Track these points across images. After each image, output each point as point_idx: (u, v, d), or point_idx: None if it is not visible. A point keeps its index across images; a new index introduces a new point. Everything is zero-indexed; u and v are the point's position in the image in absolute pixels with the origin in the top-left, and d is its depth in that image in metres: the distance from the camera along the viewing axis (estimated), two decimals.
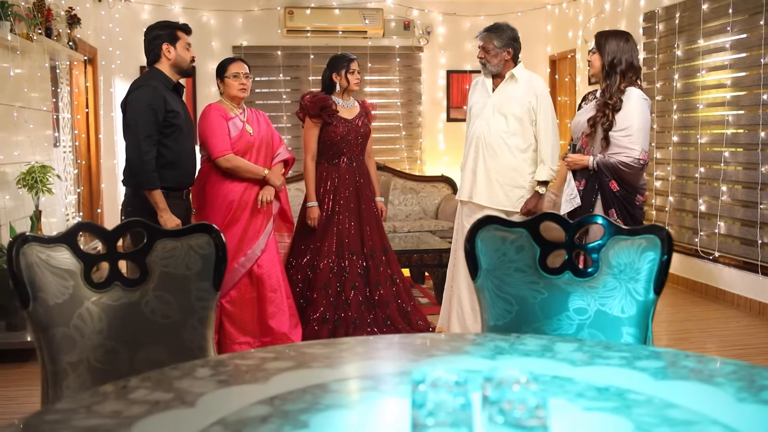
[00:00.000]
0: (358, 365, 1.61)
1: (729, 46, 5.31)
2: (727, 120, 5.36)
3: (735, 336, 4.64)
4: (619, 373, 1.53)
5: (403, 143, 8.32)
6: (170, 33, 3.67)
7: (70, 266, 1.86)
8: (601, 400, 1.35)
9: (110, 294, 1.91)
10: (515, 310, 2.07)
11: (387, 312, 4.45)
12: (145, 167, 3.47)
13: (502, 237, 2.10)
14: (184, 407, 1.37)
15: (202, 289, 1.97)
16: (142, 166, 3.47)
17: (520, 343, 1.75)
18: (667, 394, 1.38)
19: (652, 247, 1.96)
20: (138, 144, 3.47)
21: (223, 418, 1.27)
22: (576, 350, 1.69)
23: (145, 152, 3.46)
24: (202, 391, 1.45)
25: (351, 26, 7.88)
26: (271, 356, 1.68)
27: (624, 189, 3.50)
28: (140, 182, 3.51)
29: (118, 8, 7.40)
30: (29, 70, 5.07)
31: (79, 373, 1.81)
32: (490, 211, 3.95)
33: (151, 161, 3.48)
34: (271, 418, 1.27)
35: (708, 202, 5.59)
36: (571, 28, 7.81)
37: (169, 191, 3.63)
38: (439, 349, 1.74)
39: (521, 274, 2.08)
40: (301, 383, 1.47)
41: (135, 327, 1.91)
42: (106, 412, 1.36)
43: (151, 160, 3.48)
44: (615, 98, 3.48)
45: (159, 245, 1.97)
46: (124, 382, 1.51)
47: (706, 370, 1.60)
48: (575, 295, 2.05)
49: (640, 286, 1.96)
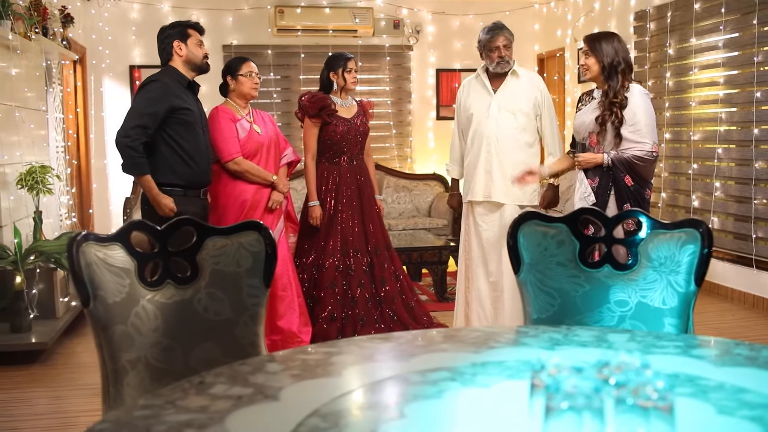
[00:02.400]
0: (425, 358, 1.64)
1: (722, 45, 5.43)
2: (720, 117, 5.48)
3: (733, 329, 4.75)
4: (680, 361, 1.58)
5: (393, 141, 8.36)
6: (181, 31, 3.68)
7: (125, 264, 1.87)
8: (676, 386, 1.40)
9: (163, 292, 1.92)
10: (558, 303, 2.11)
11: (393, 308, 4.49)
12: (129, 152, 3.49)
13: (543, 232, 2.14)
14: (269, 401, 1.39)
15: (253, 285, 1.99)
16: (125, 150, 3.49)
17: (573, 335, 1.80)
18: (734, 380, 1.43)
19: (692, 240, 2.02)
20: (126, 130, 3.51)
21: (317, 410, 1.30)
22: (629, 340, 1.74)
23: (131, 138, 3.48)
24: (280, 385, 1.47)
25: (341, 25, 7.90)
26: (334, 350, 1.71)
27: (637, 183, 3.57)
28: (125, 167, 3.55)
29: (108, 7, 7.34)
30: (27, 69, 5.02)
31: (137, 371, 1.82)
32: (508, 207, 4.01)
33: (137, 147, 3.49)
34: (365, 409, 1.30)
35: (701, 198, 5.71)
36: (559, 26, 7.90)
37: (186, 189, 3.64)
38: (497, 342, 1.78)
39: (562, 268, 2.13)
40: (375, 376, 1.50)
41: (188, 324, 1.93)
42: (193, 407, 1.37)
43: (137, 146, 3.50)
44: (620, 96, 3.55)
45: (209, 243, 1.99)
46: (199, 377, 1.53)
47: (760, 357, 1.65)
48: (616, 288, 2.10)
49: (681, 278, 2.02)
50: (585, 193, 3.64)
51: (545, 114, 4.10)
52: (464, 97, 4.20)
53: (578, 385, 0.92)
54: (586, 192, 3.63)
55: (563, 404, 0.91)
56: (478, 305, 4.08)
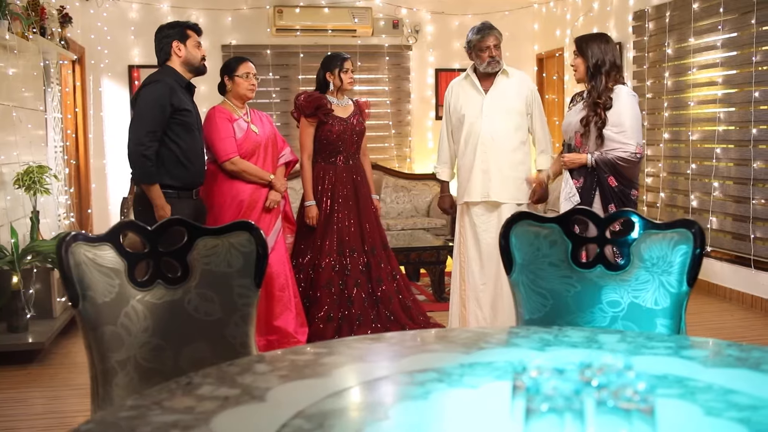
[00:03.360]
0: (414, 358, 1.63)
1: (720, 45, 5.42)
2: (718, 117, 5.46)
3: (732, 329, 4.74)
4: (670, 361, 1.57)
5: (392, 141, 8.35)
6: (180, 31, 3.67)
7: (115, 265, 1.87)
8: (664, 387, 1.39)
9: (153, 292, 1.92)
10: (550, 304, 2.11)
11: (390, 308, 4.48)
12: (144, 162, 3.47)
13: (536, 232, 2.14)
14: (255, 402, 1.39)
15: (244, 286, 1.98)
16: (140, 160, 3.47)
17: (564, 335, 1.79)
18: (723, 381, 1.43)
19: (685, 241, 2.01)
20: (139, 138, 3.48)
21: (301, 411, 1.29)
22: (620, 341, 1.74)
23: (146, 147, 3.46)
24: (267, 386, 1.47)
25: (340, 25, 7.90)
26: (324, 351, 1.71)
27: (621, 184, 3.59)
28: (138, 176, 3.53)
29: (106, 7, 7.34)
30: (24, 69, 5.03)
31: (127, 371, 1.82)
32: (506, 206, 4.01)
33: (151, 156, 3.48)
34: (351, 410, 1.30)
35: (700, 198, 5.69)
36: (558, 26, 7.90)
37: (179, 191, 3.63)
38: (487, 342, 1.78)
39: (554, 269, 2.12)
40: (365, 377, 1.50)
41: (179, 325, 1.92)
42: (180, 408, 1.37)
43: (151, 155, 3.49)
44: (604, 97, 3.57)
45: (200, 243, 1.98)
46: (187, 378, 1.53)
47: (750, 358, 1.65)
48: (608, 288, 2.10)
49: (673, 278, 2.01)
50: (570, 193, 3.66)
51: (536, 112, 4.15)
52: (453, 99, 4.19)
53: (558, 387, 0.92)
54: (571, 192, 3.65)
55: (543, 406, 0.91)
56: (476, 306, 4.07)
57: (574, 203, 3.67)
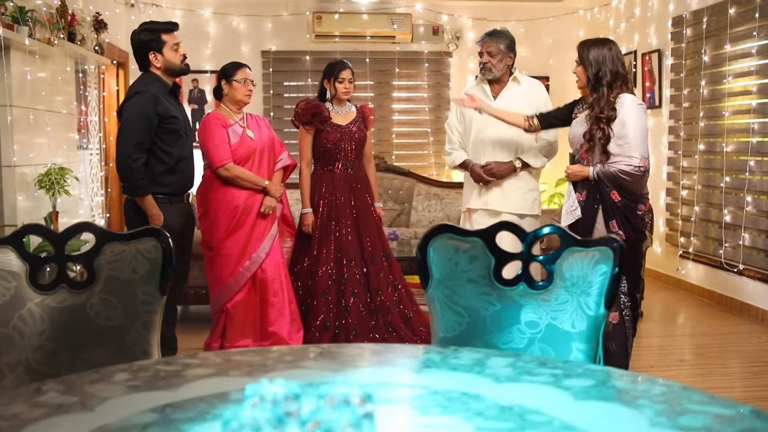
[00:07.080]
0: (281, 374, 1.58)
1: (755, 52, 5.13)
2: (752, 128, 5.17)
3: (754, 353, 4.46)
4: (539, 391, 1.46)
5: (431, 149, 8.27)
6: (153, 39, 3.65)
7: (15, 268, 1.88)
8: (500, 420, 1.30)
9: (55, 296, 1.92)
10: (466, 322, 2.01)
11: (389, 318, 4.41)
12: (133, 174, 3.50)
13: (456, 246, 2.05)
14: (84, 412, 1.36)
15: (148, 293, 1.96)
16: (130, 173, 3.50)
17: (454, 357, 1.70)
18: (574, 417, 1.32)
19: (605, 260, 1.88)
20: (127, 151, 3.50)
21: (105, 425, 1.26)
22: (508, 366, 1.63)
23: (133, 159, 3.49)
24: (108, 396, 1.44)
25: (379, 31, 7.88)
26: (195, 362, 1.67)
27: (626, 198, 3.41)
28: (129, 190, 3.56)
29: (149, 13, 7.54)
30: (51, 74, 5.19)
31: (17, 374, 1.82)
32: (507, 216, 3.93)
33: (140, 168, 3.51)
34: (153, 426, 1.26)
35: (733, 213, 5.40)
36: (602, 32, 7.64)
37: (170, 196, 3.67)
38: (366, 360, 1.70)
39: (473, 285, 2.02)
40: (208, 391, 1.45)
41: (78, 329, 1.92)
42: (6, 415, 1.36)
43: (140, 167, 3.51)
44: (606, 111, 3.39)
45: (108, 248, 1.98)
46: (40, 384, 1.52)
47: (633, 391, 1.53)
48: (528, 308, 1.99)
49: (592, 300, 1.89)
50: (572, 207, 3.51)
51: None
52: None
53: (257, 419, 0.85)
54: (573, 206, 3.49)
55: None
56: None
57: (576, 217, 3.53)
